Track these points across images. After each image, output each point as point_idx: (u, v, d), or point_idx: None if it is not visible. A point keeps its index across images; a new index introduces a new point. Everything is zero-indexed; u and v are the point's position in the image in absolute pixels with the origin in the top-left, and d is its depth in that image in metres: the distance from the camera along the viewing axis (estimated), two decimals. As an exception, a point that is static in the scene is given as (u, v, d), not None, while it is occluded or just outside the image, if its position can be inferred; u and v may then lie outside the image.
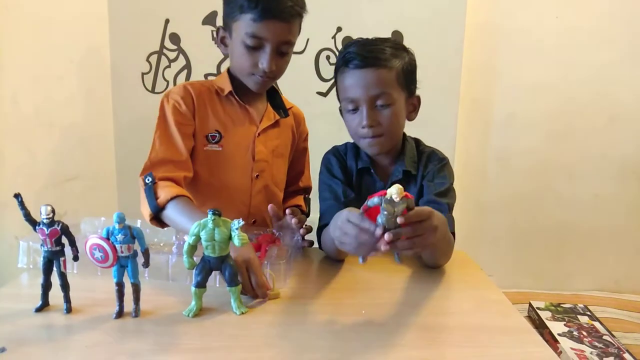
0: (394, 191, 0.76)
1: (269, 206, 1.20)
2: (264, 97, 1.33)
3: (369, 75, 1.11)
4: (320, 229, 1.18)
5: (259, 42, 1.13)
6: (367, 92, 1.11)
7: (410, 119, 1.21)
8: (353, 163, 1.23)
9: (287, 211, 1.19)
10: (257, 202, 1.29)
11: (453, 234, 1.09)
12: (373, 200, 0.79)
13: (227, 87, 1.25)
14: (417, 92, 1.20)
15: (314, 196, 1.46)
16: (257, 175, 1.28)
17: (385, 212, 0.78)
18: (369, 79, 1.11)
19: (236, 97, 1.25)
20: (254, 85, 1.21)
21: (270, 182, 1.31)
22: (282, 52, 1.17)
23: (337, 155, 1.26)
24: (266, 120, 1.29)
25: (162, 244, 1.10)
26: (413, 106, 1.20)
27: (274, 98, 1.34)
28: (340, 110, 1.22)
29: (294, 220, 1.14)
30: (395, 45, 1.15)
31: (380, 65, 1.10)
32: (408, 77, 1.15)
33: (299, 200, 1.45)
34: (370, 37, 1.17)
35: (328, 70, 2.06)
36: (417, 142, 1.26)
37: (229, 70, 1.28)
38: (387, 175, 1.22)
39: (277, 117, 1.31)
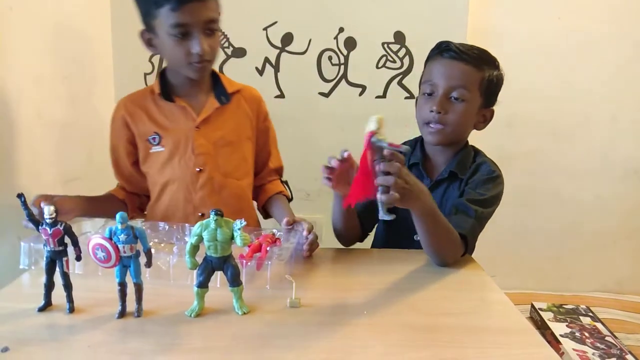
0: (373, 119, 0.90)
1: (284, 221, 1.18)
2: (205, 88, 1.31)
3: (456, 67, 1.17)
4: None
5: (185, 29, 1.14)
6: (448, 81, 1.17)
7: (478, 128, 1.26)
8: (406, 159, 1.26)
9: (302, 226, 1.16)
10: (203, 196, 1.29)
11: (463, 236, 1.09)
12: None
13: (157, 88, 1.27)
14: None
15: (291, 177, 1.49)
16: (200, 169, 1.28)
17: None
18: (455, 70, 1.17)
19: (166, 97, 1.27)
20: (194, 73, 1.21)
21: (217, 174, 1.30)
22: (210, 31, 1.18)
23: None
24: (205, 112, 1.28)
25: (162, 245, 1.10)
26: (484, 117, 1.25)
27: (217, 85, 1.32)
28: (419, 91, 1.26)
29: (305, 233, 1.13)
30: (489, 57, 1.21)
31: (470, 62, 1.17)
32: (490, 87, 1.21)
33: (278, 186, 1.43)
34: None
35: (330, 71, 2.06)
36: (477, 152, 1.29)
37: (162, 72, 1.30)
38: (435, 173, 1.25)
39: (217, 106, 1.29)
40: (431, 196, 1.04)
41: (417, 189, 0.98)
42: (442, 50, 1.19)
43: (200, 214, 1.29)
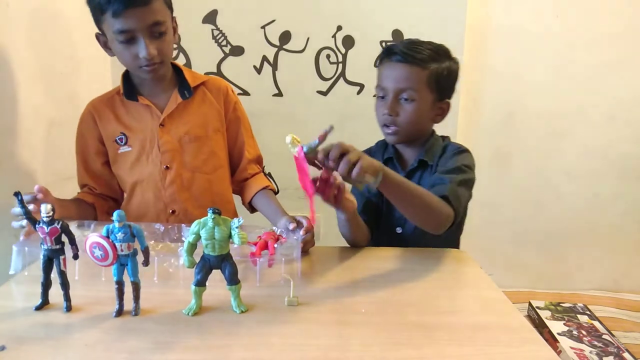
0: (288, 139, 0.96)
1: (290, 227, 1.15)
2: (169, 84, 1.30)
3: (402, 69, 1.20)
4: None
5: (130, 35, 1.13)
6: (396, 84, 1.20)
7: (436, 121, 1.28)
8: (380, 158, 1.32)
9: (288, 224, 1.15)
10: (172, 192, 1.29)
11: (446, 198, 1.09)
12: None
13: (121, 89, 1.28)
14: None
15: (274, 167, 1.50)
16: (167, 167, 1.28)
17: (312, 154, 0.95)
18: (401, 73, 1.20)
19: (129, 97, 1.27)
20: (146, 75, 1.21)
21: (185, 170, 1.29)
22: (158, 34, 1.16)
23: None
24: (168, 108, 1.28)
25: (160, 247, 1.10)
26: (441, 110, 1.26)
27: (181, 80, 1.31)
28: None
29: (301, 232, 1.11)
30: (438, 50, 1.22)
31: (415, 63, 1.19)
32: (441, 81, 1.22)
33: (263, 180, 1.41)
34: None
35: (328, 69, 2.06)
36: (445, 139, 1.32)
37: (125, 72, 1.29)
38: (407, 165, 1.30)
39: (179, 100, 1.28)
40: (388, 170, 1.03)
41: (369, 160, 0.98)
42: (390, 53, 1.22)
43: (171, 211, 1.30)
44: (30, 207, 0.97)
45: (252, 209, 1.42)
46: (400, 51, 1.20)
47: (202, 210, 0.83)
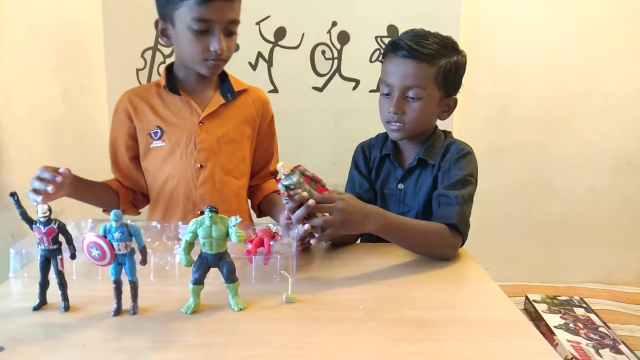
0: (279, 166, 0.96)
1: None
2: (212, 85, 1.31)
3: (409, 66, 1.14)
4: None
5: (207, 25, 1.13)
6: (402, 81, 1.15)
7: (442, 118, 1.24)
8: (378, 152, 1.29)
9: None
10: (203, 192, 1.28)
11: (453, 225, 1.09)
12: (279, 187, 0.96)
13: (163, 82, 1.27)
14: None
15: None
16: (201, 165, 1.27)
17: (283, 189, 0.95)
18: (408, 70, 1.15)
19: (172, 90, 1.26)
20: (207, 70, 1.21)
21: (219, 171, 1.29)
22: (230, 32, 1.17)
23: (364, 148, 1.33)
24: (210, 107, 1.27)
25: (156, 244, 1.10)
26: (448, 106, 1.23)
27: (224, 83, 1.32)
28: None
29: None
30: (445, 44, 1.17)
31: (423, 59, 1.13)
32: (449, 78, 1.17)
33: (274, 184, 1.42)
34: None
35: (323, 65, 2.05)
36: (447, 135, 1.28)
37: (169, 66, 1.29)
38: (407, 162, 1.26)
39: (222, 102, 1.28)
40: (384, 212, 1.05)
41: (361, 214, 1.00)
42: (395, 47, 1.16)
43: (199, 211, 1.28)
44: (49, 188, 0.98)
45: (259, 212, 1.44)
46: (406, 46, 1.14)
47: (229, 214, 0.83)
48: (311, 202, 0.94)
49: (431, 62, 1.14)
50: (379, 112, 1.24)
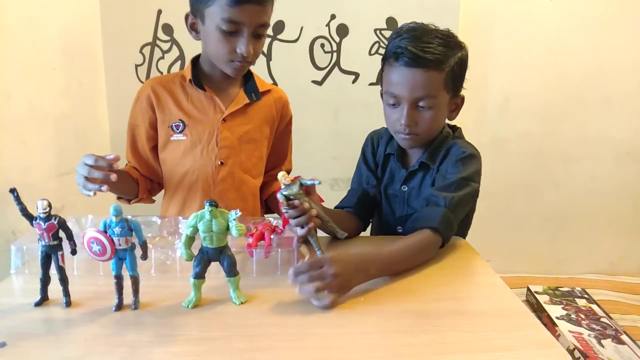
0: (280, 176, 0.98)
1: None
2: (236, 82, 1.31)
3: (417, 76, 1.06)
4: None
5: (236, 27, 1.12)
6: (412, 93, 1.07)
7: (451, 118, 1.19)
8: (383, 149, 1.26)
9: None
10: (222, 189, 1.28)
11: (435, 229, 1.03)
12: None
13: (188, 75, 1.25)
14: None
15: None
16: (221, 162, 1.27)
17: (282, 199, 0.98)
18: (417, 80, 1.06)
19: (198, 85, 1.25)
20: (232, 71, 1.20)
21: (238, 169, 1.29)
22: (258, 35, 1.17)
23: (373, 140, 1.30)
24: (234, 105, 1.27)
25: (157, 239, 1.10)
26: (455, 105, 1.17)
27: (248, 82, 1.32)
28: (382, 94, 1.18)
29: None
30: (448, 41, 1.09)
31: (431, 67, 1.05)
32: (455, 78, 1.11)
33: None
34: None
35: (323, 59, 2.05)
36: (454, 133, 1.22)
37: (194, 59, 1.28)
38: (410, 164, 1.22)
39: (246, 101, 1.28)
40: (373, 254, 0.95)
41: (354, 270, 0.90)
42: (397, 55, 1.07)
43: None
44: (112, 176, 0.98)
45: (267, 208, 1.44)
46: (410, 53, 1.04)
47: (246, 212, 0.82)
48: (313, 211, 0.97)
49: (439, 68, 1.06)
50: (385, 121, 1.18)
